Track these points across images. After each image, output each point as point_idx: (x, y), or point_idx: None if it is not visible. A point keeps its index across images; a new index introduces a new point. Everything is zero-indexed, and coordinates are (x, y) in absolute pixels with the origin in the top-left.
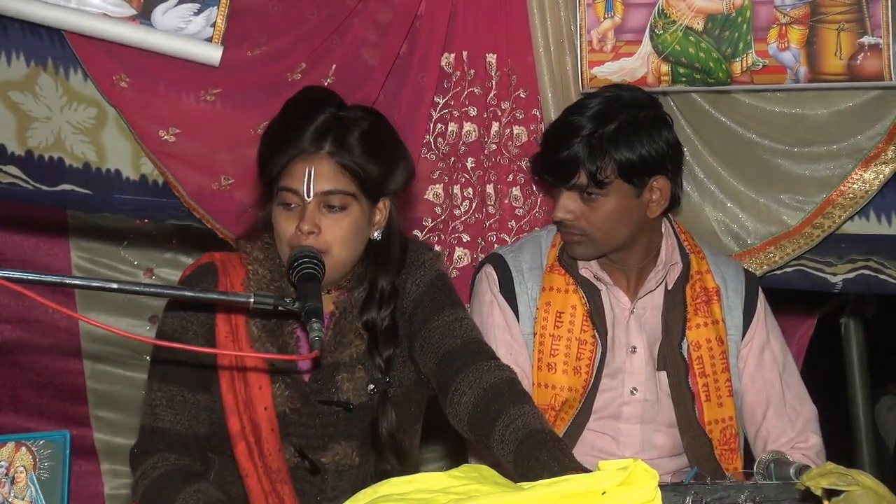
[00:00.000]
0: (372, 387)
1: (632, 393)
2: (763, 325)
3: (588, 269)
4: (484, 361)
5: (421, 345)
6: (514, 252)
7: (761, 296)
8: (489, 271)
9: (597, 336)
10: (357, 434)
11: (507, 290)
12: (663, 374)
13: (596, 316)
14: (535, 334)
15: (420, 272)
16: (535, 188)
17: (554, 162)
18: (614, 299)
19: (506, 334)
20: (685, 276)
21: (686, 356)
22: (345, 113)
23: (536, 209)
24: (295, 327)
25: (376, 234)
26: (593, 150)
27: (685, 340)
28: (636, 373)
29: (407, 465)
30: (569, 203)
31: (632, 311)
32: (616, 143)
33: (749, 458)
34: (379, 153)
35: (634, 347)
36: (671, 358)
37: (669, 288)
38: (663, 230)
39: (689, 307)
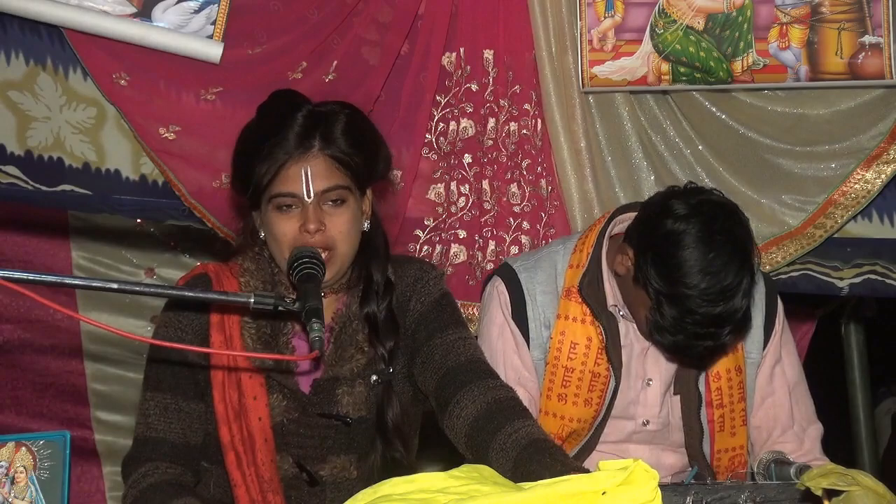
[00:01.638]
0: (375, 377)
1: (644, 424)
2: (778, 343)
3: (616, 303)
4: (488, 379)
5: (422, 361)
6: (528, 271)
7: (780, 308)
8: (501, 290)
9: (611, 370)
10: (356, 448)
11: (519, 315)
12: (677, 399)
13: (612, 348)
14: (547, 363)
15: (424, 291)
16: (536, 192)
17: (704, 351)
18: (634, 333)
19: (515, 358)
20: None
21: (702, 388)
22: (321, 108)
23: (525, 202)
24: (290, 337)
25: (366, 225)
26: (743, 328)
27: (703, 373)
28: (650, 405)
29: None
30: None
31: (651, 346)
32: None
33: None
34: (363, 143)
35: (650, 380)
36: (686, 388)
37: None
38: None
39: None
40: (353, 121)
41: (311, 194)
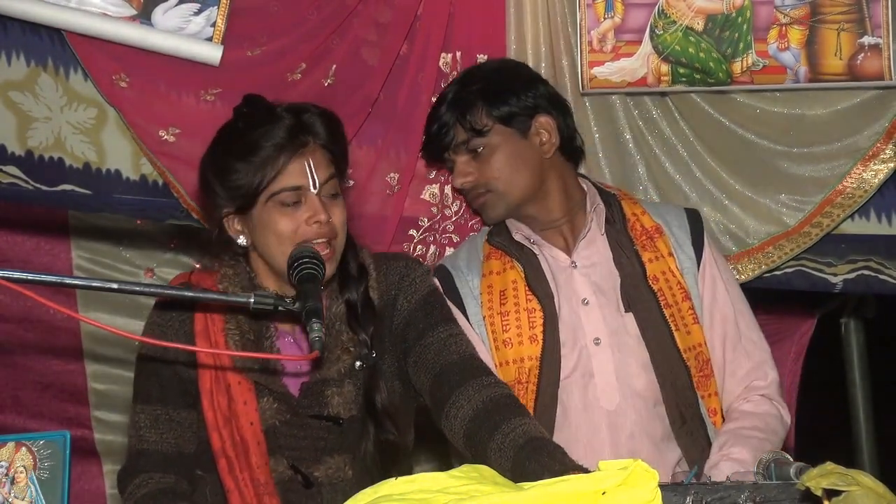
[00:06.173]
0: (360, 363)
1: (595, 343)
2: (712, 258)
3: (521, 233)
4: (483, 377)
5: (415, 360)
6: (451, 256)
7: (707, 230)
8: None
9: (539, 301)
10: (349, 448)
11: (450, 289)
12: (630, 317)
13: (535, 281)
14: (485, 318)
15: (411, 289)
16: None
17: (431, 135)
18: (552, 259)
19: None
20: (619, 219)
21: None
22: (295, 106)
23: None
24: (274, 340)
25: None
26: (461, 104)
27: (645, 278)
28: (594, 323)
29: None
30: (463, 167)
31: (574, 266)
32: (484, 93)
33: None
34: (340, 135)
35: (586, 300)
36: (637, 296)
37: (602, 233)
38: (585, 188)
39: (637, 245)
40: (330, 117)
41: (318, 185)
